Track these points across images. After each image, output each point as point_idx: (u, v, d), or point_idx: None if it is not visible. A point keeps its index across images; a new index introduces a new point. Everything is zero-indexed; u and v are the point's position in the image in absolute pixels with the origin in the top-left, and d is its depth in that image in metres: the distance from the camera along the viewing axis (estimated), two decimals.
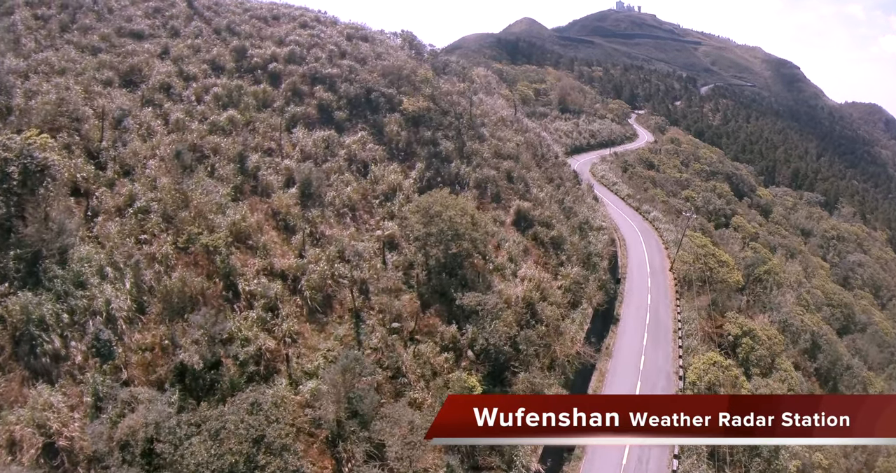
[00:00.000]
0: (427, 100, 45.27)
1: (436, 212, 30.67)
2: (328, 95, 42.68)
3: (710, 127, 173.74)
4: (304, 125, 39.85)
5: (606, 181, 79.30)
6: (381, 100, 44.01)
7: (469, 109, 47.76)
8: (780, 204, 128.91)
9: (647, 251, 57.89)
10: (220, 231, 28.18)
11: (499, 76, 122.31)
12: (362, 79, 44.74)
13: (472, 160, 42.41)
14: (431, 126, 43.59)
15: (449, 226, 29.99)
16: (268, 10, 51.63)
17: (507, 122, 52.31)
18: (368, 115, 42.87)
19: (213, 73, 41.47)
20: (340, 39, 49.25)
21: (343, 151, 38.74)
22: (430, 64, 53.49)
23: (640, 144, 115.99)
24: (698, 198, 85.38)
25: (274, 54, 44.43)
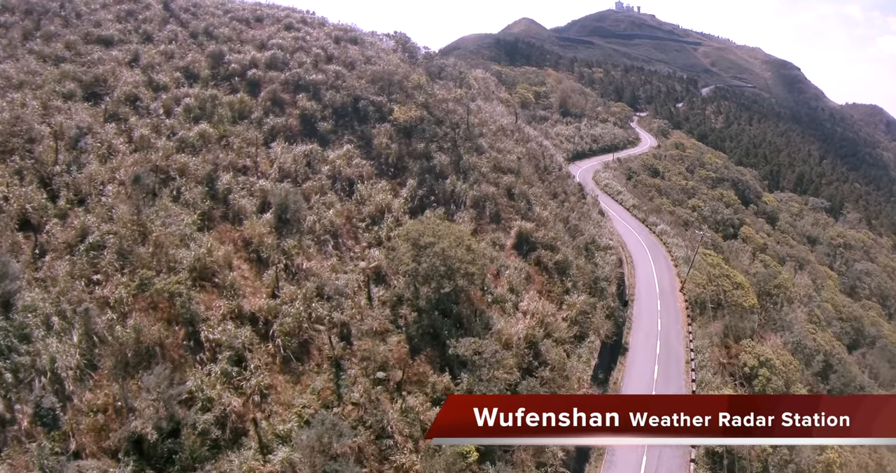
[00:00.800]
0: (420, 108, 41.71)
1: (426, 243, 27.06)
2: (312, 104, 39.09)
3: (713, 130, 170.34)
4: (284, 138, 36.29)
5: (610, 190, 75.79)
6: (370, 108, 40.42)
7: (466, 118, 44.20)
8: (785, 210, 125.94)
9: (656, 269, 54.38)
10: (181, 271, 24.75)
11: (497, 78, 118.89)
12: (349, 85, 41.14)
13: (469, 175, 38.82)
14: (425, 137, 40.00)
15: (441, 260, 26.38)
16: (250, 12, 48.02)
17: (508, 132, 48.74)
18: (356, 126, 39.29)
19: (186, 82, 37.96)
20: (327, 42, 45.66)
21: (326, 168, 35.15)
22: (424, 68, 49.89)
23: (643, 149, 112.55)
24: (705, 207, 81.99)
25: (254, 60, 40.82)
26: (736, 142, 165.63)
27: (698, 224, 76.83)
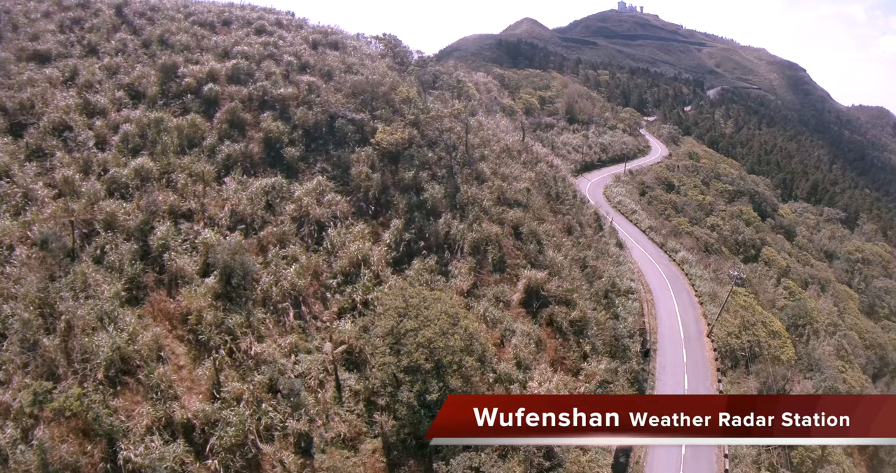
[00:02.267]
0: (409, 127, 35.26)
1: (409, 331, 20.63)
2: (278, 125, 32.76)
3: (724, 135, 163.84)
4: (241, 169, 30.03)
5: (624, 208, 69.29)
6: (349, 128, 34.03)
7: (465, 138, 37.71)
8: (802, 223, 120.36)
9: (679, 308, 47.91)
10: (96, 367, 18.78)
11: (500, 82, 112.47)
12: (325, 100, 34.74)
13: (467, 211, 32.35)
14: (414, 164, 33.55)
15: (427, 353, 19.97)
16: (216, 15, 41.57)
17: (514, 153, 42.24)
18: (331, 151, 32.92)
19: (129, 103, 31.87)
20: (302, 48, 39.21)
21: (291, 207, 28.79)
22: (415, 76, 43.22)
23: (654, 158, 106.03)
24: (725, 226, 75.62)
25: (212, 72, 34.44)
26: (747, 148, 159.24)
27: (719, 246, 70.59)
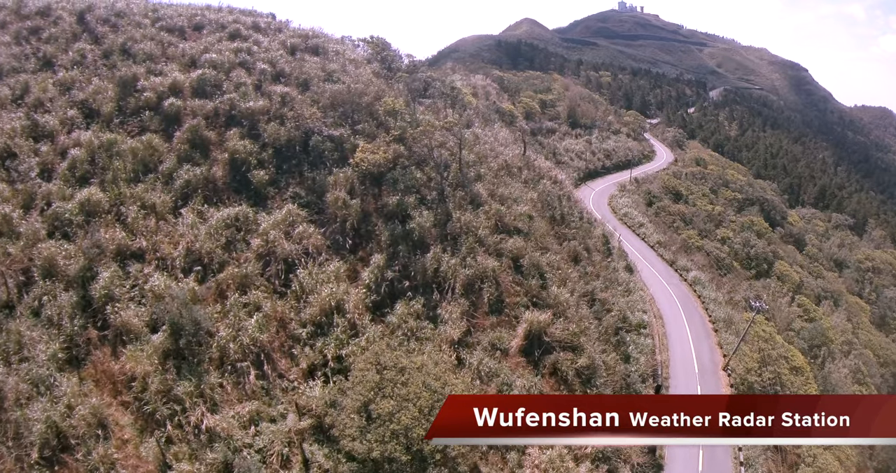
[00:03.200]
0: (395, 143, 31.51)
1: (380, 415, 16.89)
2: (245, 145, 29.13)
3: (729, 139, 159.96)
4: (202, 198, 26.31)
5: (630, 221, 65.52)
6: (326, 146, 30.35)
7: (458, 155, 33.93)
8: (811, 230, 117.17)
9: (692, 336, 44.20)
10: (32, 444, 15.62)
11: (499, 85, 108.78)
12: (299, 114, 30.95)
13: (460, 243, 28.60)
14: (399, 187, 29.83)
15: (404, 443, 16.25)
16: (187, 19, 37.87)
17: (514, 170, 38.43)
18: (305, 173, 29.28)
19: (82, 123, 28.26)
20: (279, 54, 35.51)
21: (257, 242, 25.06)
22: (405, 84, 39.38)
23: (660, 164, 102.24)
24: (735, 238, 71.92)
25: (175, 84, 30.84)
26: (753, 152, 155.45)
27: (730, 260, 66.94)
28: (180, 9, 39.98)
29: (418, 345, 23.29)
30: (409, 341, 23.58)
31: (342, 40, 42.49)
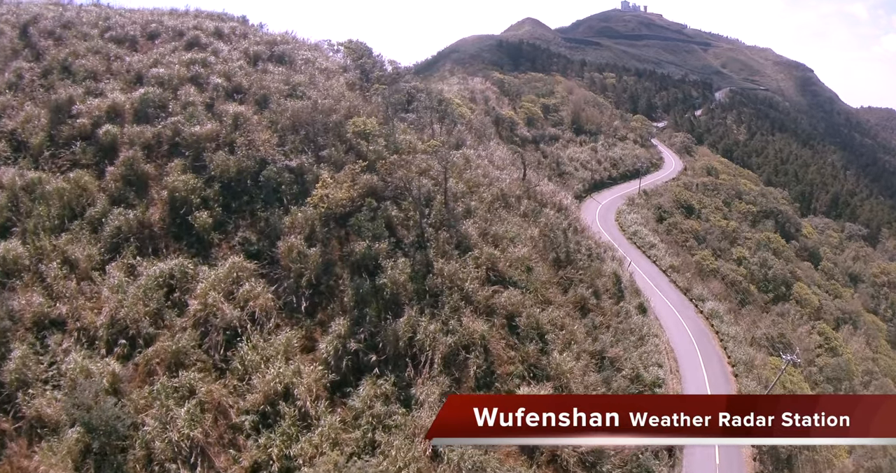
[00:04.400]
0: (367, 172, 26.56)
1: None
2: (188, 180, 24.25)
3: (738, 144, 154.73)
4: (135, 248, 21.44)
5: (640, 241, 60.49)
6: (283, 178, 25.37)
7: (444, 185, 28.87)
8: (825, 242, 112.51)
9: (710, 382, 39.29)
10: None
11: (499, 89, 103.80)
12: (254, 139, 26.00)
13: (442, 301, 23.63)
14: (370, 230, 24.83)
15: None
16: (141, 27, 33.03)
17: (511, 199, 33.40)
18: (258, 212, 24.30)
19: (10, 157, 23.47)
20: (237, 65, 30.69)
21: (194, 305, 20.22)
22: (382, 97, 34.55)
23: (669, 173, 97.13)
24: (752, 259, 66.94)
25: (115, 107, 26.08)
26: (763, 157, 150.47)
27: (747, 284, 61.99)
28: (136, 15, 35.10)
29: (385, 437, 18.55)
30: (374, 430, 18.85)
31: (316, 46, 37.38)
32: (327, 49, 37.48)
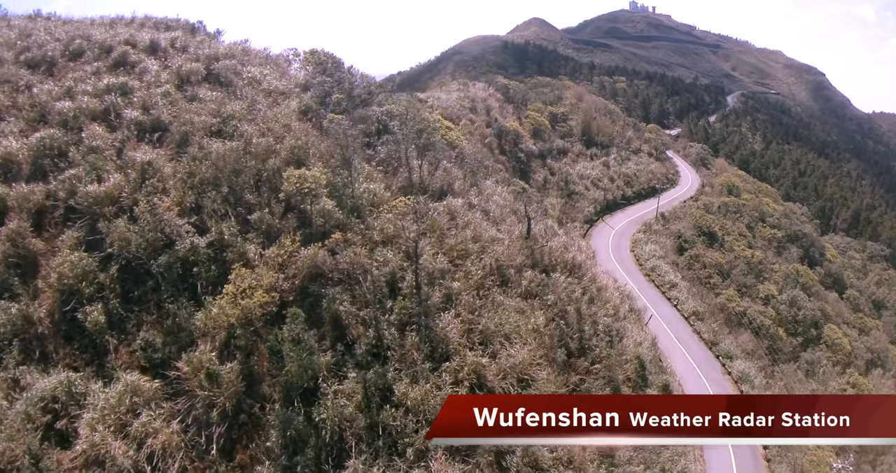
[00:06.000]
0: (308, 245, 20.04)
1: None
2: (78, 260, 17.80)
3: (754, 154, 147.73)
4: (18, 354, 15.67)
5: (660, 279, 53.90)
6: (198, 256, 18.81)
7: (415, 263, 21.92)
8: (848, 266, 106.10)
9: None
10: None
11: (503, 95, 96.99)
12: (160, 202, 19.51)
13: (402, 445, 17.16)
14: (306, 336, 18.37)
15: None
16: (64, 44, 26.49)
17: (510, 272, 26.17)
18: (165, 303, 17.87)
19: None
20: (161, 91, 23.93)
21: (82, 441, 13.96)
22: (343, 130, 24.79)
23: (686, 190, 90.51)
24: (781, 296, 60.46)
25: (7, 157, 19.70)
26: (780, 169, 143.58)
27: (775, 328, 55.56)
28: (67, 28, 28.61)
29: None
30: None
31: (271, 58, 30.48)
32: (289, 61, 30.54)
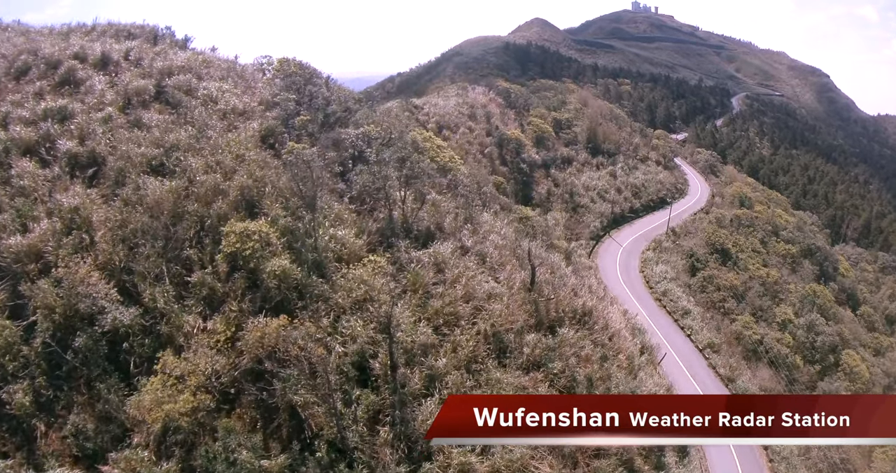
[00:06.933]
0: (258, 315, 16.32)
1: None
2: (3, 330, 14.01)
3: (763, 160, 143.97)
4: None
5: (673, 305, 50.10)
6: (131, 328, 15.30)
7: (388, 345, 17.54)
8: (861, 279, 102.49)
9: None
10: None
11: (504, 100, 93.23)
12: (73, 271, 15.70)
13: None
14: (246, 445, 14.63)
15: None
16: (9, 61, 23.05)
17: (509, 337, 20.84)
18: (94, 382, 14.26)
19: None
20: (102, 115, 20.23)
21: None
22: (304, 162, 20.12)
23: (695, 201, 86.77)
24: (798, 320, 56.80)
25: None
26: (789, 176, 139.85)
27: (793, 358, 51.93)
28: (14, 42, 24.79)
29: None
30: None
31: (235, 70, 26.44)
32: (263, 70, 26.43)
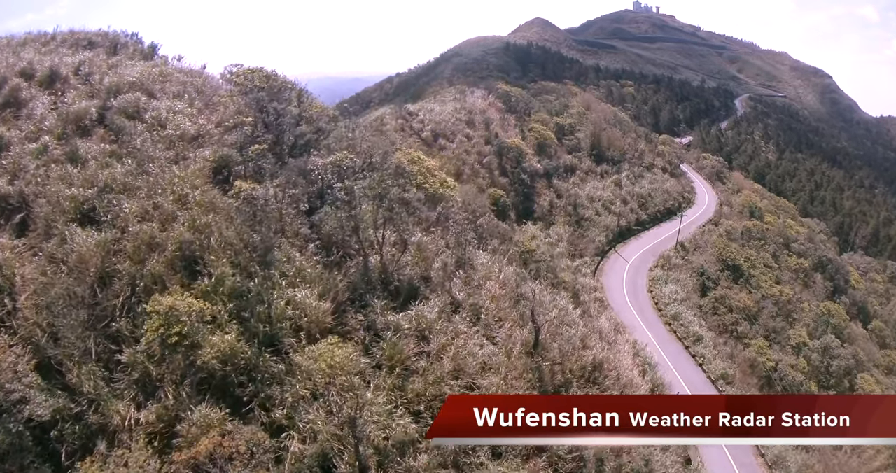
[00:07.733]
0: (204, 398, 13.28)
1: None
2: None
3: (769, 165, 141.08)
4: None
5: (683, 331, 47.11)
6: (65, 426, 12.17)
7: (357, 445, 13.22)
8: (871, 290, 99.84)
9: None
10: None
11: (504, 104, 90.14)
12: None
13: None
14: None
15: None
16: None
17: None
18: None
19: None
20: (35, 148, 17.20)
21: None
22: (254, 207, 16.76)
23: (703, 210, 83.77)
24: (813, 343, 53.97)
25: None
26: (796, 181, 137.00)
27: (808, 384, 49.08)
28: None
29: None
30: None
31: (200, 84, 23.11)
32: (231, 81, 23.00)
